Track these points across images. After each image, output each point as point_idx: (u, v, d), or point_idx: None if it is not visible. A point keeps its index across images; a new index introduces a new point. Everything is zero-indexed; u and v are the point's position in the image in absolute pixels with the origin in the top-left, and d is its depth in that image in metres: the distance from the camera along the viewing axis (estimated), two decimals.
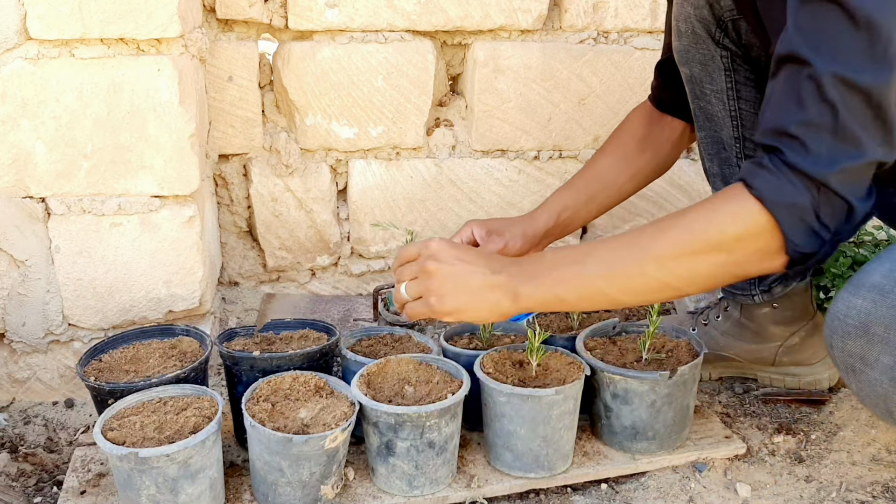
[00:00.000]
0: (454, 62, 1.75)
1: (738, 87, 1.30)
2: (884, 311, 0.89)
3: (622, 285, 0.97)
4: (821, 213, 0.88)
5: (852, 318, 0.92)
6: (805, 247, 0.89)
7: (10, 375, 1.39)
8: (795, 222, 0.88)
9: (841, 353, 0.95)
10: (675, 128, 1.40)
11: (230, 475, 1.15)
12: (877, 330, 0.90)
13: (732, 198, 0.92)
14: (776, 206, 0.88)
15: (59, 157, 1.28)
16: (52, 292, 1.34)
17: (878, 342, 0.89)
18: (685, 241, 0.93)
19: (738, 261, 0.92)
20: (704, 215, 0.93)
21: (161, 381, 1.12)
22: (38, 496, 1.18)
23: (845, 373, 0.95)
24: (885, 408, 0.93)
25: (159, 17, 1.23)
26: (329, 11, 1.57)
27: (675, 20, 1.29)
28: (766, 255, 0.91)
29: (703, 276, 0.94)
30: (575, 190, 1.35)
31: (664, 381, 1.16)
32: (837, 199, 0.88)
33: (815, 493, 1.18)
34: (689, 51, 1.29)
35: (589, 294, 0.99)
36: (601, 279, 0.97)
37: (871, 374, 0.91)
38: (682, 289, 0.96)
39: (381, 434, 1.08)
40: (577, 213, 1.34)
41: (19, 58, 1.23)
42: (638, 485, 1.20)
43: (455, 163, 1.74)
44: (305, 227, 1.72)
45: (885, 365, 0.89)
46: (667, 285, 0.95)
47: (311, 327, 1.31)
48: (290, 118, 1.66)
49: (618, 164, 1.37)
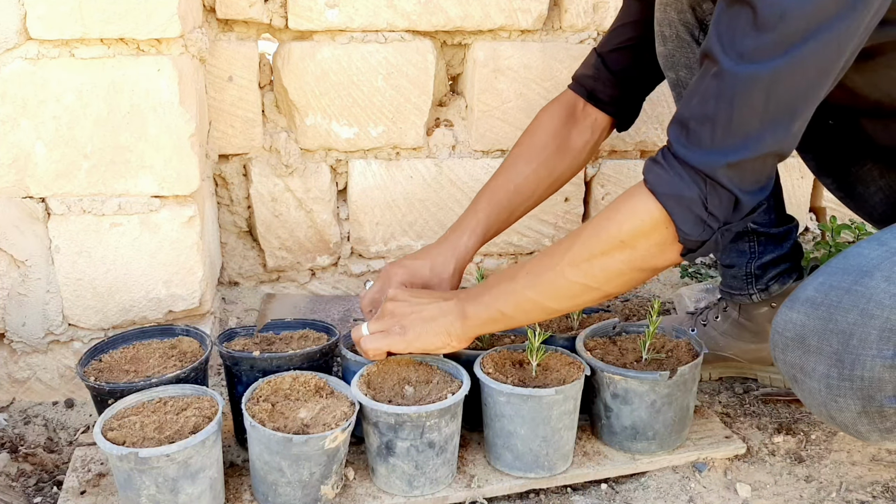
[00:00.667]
0: (454, 62, 1.75)
1: None
2: (816, 322, 0.92)
3: (549, 293, 1.04)
4: (709, 205, 0.93)
5: (789, 332, 0.95)
6: (695, 235, 0.95)
7: (10, 375, 1.39)
8: (684, 213, 0.93)
9: (783, 365, 0.98)
10: (598, 126, 1.38)
11: (230, 475, 1.15)
12: (811, 341, 0.93)
13: (632, 195, 0.98)
14: (666, 198, 0.94)
15: (59, 157, 1.28)
16: (52, 292, 1.34)
17: (814, 352, 0.92)
18: (593, 243, 1.00)
19: (643, 255, 0.98)
20: (607, 215, 1.00)
21: (161, 381, 1.12)
22: (38, 496, 1.18)
23: (791, 383, 0.99)
24: (827, 414, 0.96)
25: (159, 17, 1.23)
26: (329, 11, 1.57)
27: (659, 25, 1.28)
28: (663, 247, 0.97)
29: (615, 274, 1.00)
30: (497, 206, 1.34)
31: (664, 381, 1.16)
32: (724, 192, 0.92)
33: (815, 493, 1.18)
34: (675, 55, 1.28)
35: (524, 305, 1.06)
36: (530, 289, 1.05)
37: (810, 383, 0.94)
38: (602, 289, 1.02)
39: (381, 434, 1.09)
40: (498, 229, 1.36)
41: (19, 58, 1.23)
42: (638, 485, 1.20)
43: (455, 163, 1.74)
44: (305, 227, 1.72)
45: (820, 373, 0.92)
46: (587, 287, 1.02)
47: (311, 327, 1.31)
48: (290, 118, 1.66)
49: (537, 173, 1.36)
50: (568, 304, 1.07)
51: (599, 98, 1.36)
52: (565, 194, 1.80)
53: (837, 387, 0.91)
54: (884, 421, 0.92)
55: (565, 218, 1.82)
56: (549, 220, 1.82)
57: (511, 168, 1.37)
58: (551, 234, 1.83)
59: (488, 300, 1.08)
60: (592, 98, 1.37)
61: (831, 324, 0.90)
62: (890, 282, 0.89)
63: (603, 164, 1.82)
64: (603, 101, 1.36)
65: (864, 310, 0.89)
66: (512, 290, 1.07)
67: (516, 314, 1.08)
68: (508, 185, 1.35)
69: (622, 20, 1.37)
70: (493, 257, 1.84)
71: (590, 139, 1.38)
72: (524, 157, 1.36)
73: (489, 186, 1.36)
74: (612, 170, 1.82)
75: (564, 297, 1.05)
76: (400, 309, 1.13)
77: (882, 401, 0.90)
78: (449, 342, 1.11)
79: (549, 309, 1.07)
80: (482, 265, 1.83)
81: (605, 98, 1.36)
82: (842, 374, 0.90)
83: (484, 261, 1.83)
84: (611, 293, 1.04)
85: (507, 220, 1.36)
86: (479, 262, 1.83)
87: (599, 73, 1.37)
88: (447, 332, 1.10)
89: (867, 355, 0.89)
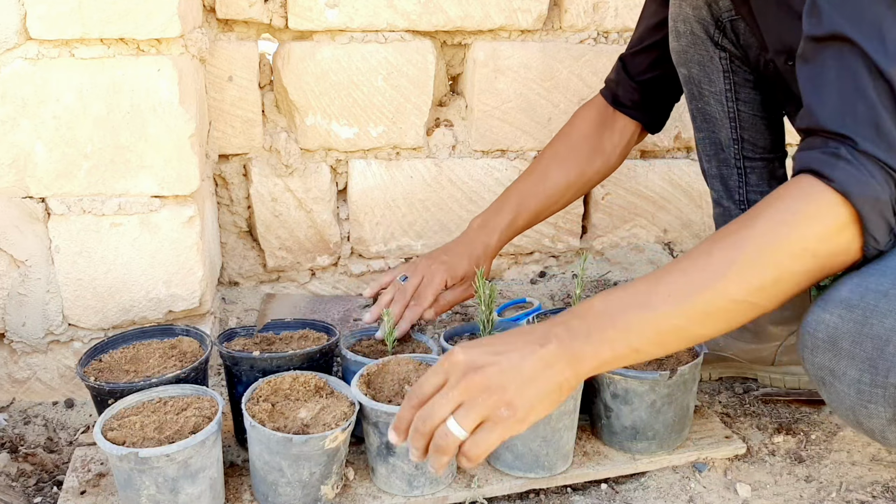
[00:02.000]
0: (454, 62, 1.75)
1: (737, 88, 1.30)
2: (850, 325, 0.88)
3: (704, 317, 0.86)
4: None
5: (821, 333, 0.91)
6: (882, 244, 0.84)
7: (10, 375, 1.39)
8: (877, 219, 0.83)
9: (812, 367, 0.94)
10: (627, 129, 1.38)
11: (230, 475, 1.15)
12: (844, 344, 0.89)
13: (808, 195, 0.84)
14: (862, 201, 0.82)
15: (59, 157, 1.28)
16: (52, 292, 1.34)
17: (845, 356, 0.89)
18: (768, 253, 0.84)
19: (823, 264, 0.85)
20: (780, 217, 0.84)
21: (161, 381, 1.12)
22: (38, 496, 1.18)
23: (818, 384, 0.95)
24: (854, 419, 0.92)
25: (159, 17, 1.23)
26: (329, 11, 1.57)
27: (673, 21, 1.28)
28: (846, 254, 0.85)
29: (790, 287, 0.86)
30: (526, 211, 1.33)
31: (664, 381, 1.16)
32: None
33: (815, 493, 1.18)
34: (688, 52, 1.29)
35: (666, 337, 0.87)
36: (678, 317, 0.85)
37: (839, 386, 0.91)
38: (766, 306, 0.87)
39: (381, 434, 1.08)
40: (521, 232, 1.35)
41: (19, 58, 1.23)
42: (638, 485, 1.20)
43: (455, 163, 1.74)
44: (305, 227, 1.72)
45: (851, 378, 0.89)
46: (754, 306, 0.86)
47: (311, 327, 1.31)
48: (290, 118, 1.66)
49: (568, 178, 1.34)
50: (723, 327, 0.88)
51: (622, 102, 1.37)
52: None
53: (869, 393, 0.88)
54: None
55: (565, 218, 1.83)
56: (549, 219, 1.81)
57: (545, 174, 1.35)
58: (551, 234, 1.83)
59: (614, 335, 0.85)
60: (616, 103, 1.37)
61: (866, 328, 0.86)
62: None
63: None
64: (625, 106, 1.37)
65: None
66: (649, 320, 0.85)
67: (654, 349, 0.88)
68: (539, 192, 1.33)
69: (643, 22, 1.37)
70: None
71: (618, 143, 1.38)
72: (557, 162, 1.35)
73: (520, 190, 1.34)
74: None
75: (723, 320, 0.87)
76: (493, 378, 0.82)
77: None
78: (560, 399, 0.86)
79: (696, 336, 0.89)
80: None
81: (627, 102, 1.37)
82: (874, 380, 0.87)
83: None
84: (771, 309, 0.89)
85: (532, 223, 1.35)
86: None
87: (620, 78, 1.37)
88: (559, 386, 0.85)
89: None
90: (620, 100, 1.36)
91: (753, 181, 1.36)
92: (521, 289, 1.82)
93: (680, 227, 1.89)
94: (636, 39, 1.39)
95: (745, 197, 1.37)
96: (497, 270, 1.86)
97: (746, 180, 1.36)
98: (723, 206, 1.39)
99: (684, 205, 1.87)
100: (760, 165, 1.35)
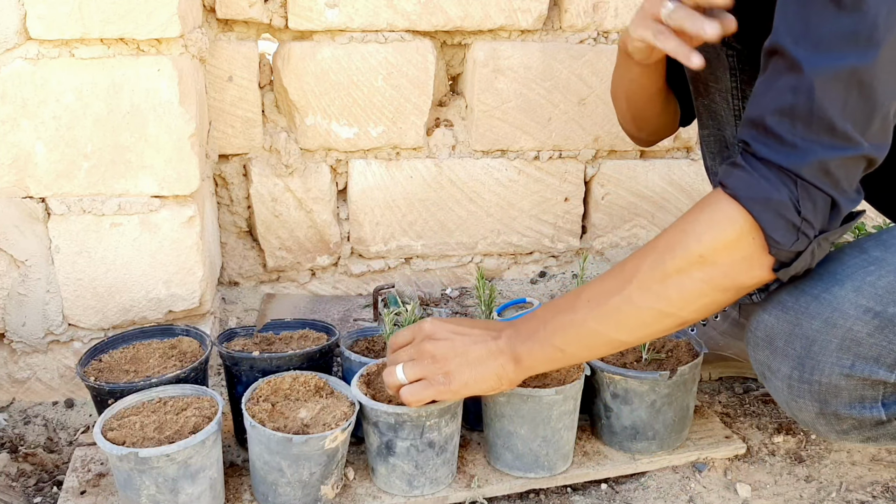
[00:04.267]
0: (454, 62, 1.75)
1: (743, 86, 1.29)
2: (784, 325, 0.92)
3: (615, 322, 0.93)
4: (802, 208, 0.83)
5: (760, 332, 0.95)
6: (788, 244, 0.84)
7: (10, 375, 1.39)
8: (774, 218, 0.83)
9: (755, 362, 0.98)
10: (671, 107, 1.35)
11: (230, 475, 1.15)
12: (778, 343, 0.93)
13: (708, 203, 0.88)
14: (751, 202, 0.84)
15: (59, 157, 1.28)
16: (52, 292, 1.34)
17: (780, 354, 0.92)
18: (666, 260, 0.88)
19: (726, 272, 0.87)
20: (681, 227, 0.89)
21: (161, 381, 1.12)
22: (38, 496, 1.18)
23: (760, 378, 0.99)
24: (789, 411, 0.97)
25: (159, 17, 1.23)
26: (329, 11, 1.57)
27: None
28: (751, 261, 0.87)
29: (694, 296, 0.89)
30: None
31: (664, 381, 1.16)
32: (818, 193, 0.83)
33: (815, 493, 1.18)
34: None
35: (586, 340, 0.95)
36: (593, 320, 0.93)
37: (775, 381, 0.95)
38: (678, 315, 0.91)
39: (381, 434, 1.09)
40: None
41: (19, 58, 1.23)
42: (638, 485, 1.20)
43: (455, 163, 1.74)
44: (305, 227, 1.72)
45: (784, 374, 0.93)
46: (661, 313, 0.91)
47: (311, 327, 1.31)
48: (290, 118, 1.66)
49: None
50: (639, 334, 0.95)
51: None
52: (565, 194, 1.80)
53: (798, 388, 0.92)
54: (840, 423, 0.94)
55: (565, 218, 1.83)
56: (548, 219, 1.82)
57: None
58: (551, 234, 1.83)
59: (543, 336, 0.96)
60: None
61: (797, 328, 0.90)
62: (858, 293, 0.88)
63: (603, 164, 1.82)
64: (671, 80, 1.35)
65: (829, 319, 0.88)
66: (571, 323, 0.95)
67: (578, 350, 0.97)
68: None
69: None
70: (492, 257, 1.84)
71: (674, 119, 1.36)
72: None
73: None
74: (612, 170, 1.82)
75: (634, 326, 0.93)
76: (441, 350, 1.01)
77: (837, 406, 0.91)
78: (499, 387, 1.01)
79: (617, 341, 0.96)
80: (482, 265, 1.83)
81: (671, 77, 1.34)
82: (802, 376, 0.91)
83: (484, 261, 1.83)
84: (689, 319, 0.93)
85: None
86: (479, 263, 1.83)
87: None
88: (497, 376, 1.00)
89: (826, 362, 0.89)
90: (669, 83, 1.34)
91: None
92: (521, 289, 1.82)
93: None
94: None
95: None
96: (497, 270, 1.86)
97: None
98: None
99: (684, 205, 1.87)
100: None
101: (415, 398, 1.01)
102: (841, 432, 0.95)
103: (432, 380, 1.00)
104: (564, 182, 1.80)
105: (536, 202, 1.79)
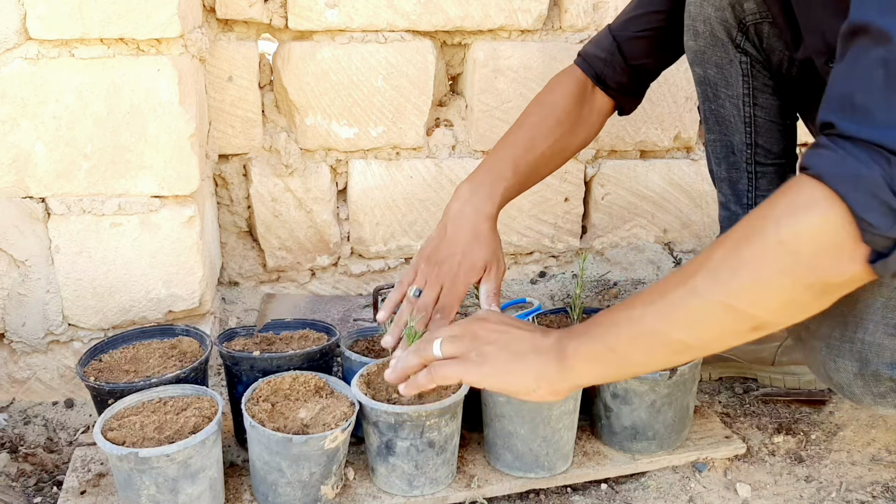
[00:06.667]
0: (454, 62, 1.75)
1: (756, 93, 1.28)
2: None
3: (676, 318, 0.80)
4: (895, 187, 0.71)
5: None
6: (884, 228, 0.71)
7: (10, 375, 1.39)
8: (866, 198, 0.71)
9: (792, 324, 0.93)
10: (604, 108, 1.35)
11: (230, 475, 1.15)
12: None
13: (789, 187, 0.76)
14: (838, 180, 0.71)
15: (59, 157, 1.28)
16: (52, 292, 1.35)
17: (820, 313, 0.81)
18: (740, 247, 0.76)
19: (810, 263, 0.74)
20: (759, 213, 0.77)
21: (161, 381, 1.12)
22: (38, 496, 1.18)
23: (794, 341, 1.01)
24: (824, 373, 0.97)
25: (159, 17, 1.23)
26: (329, 11, 1.57)
27: (692, 20, 1.26)
28: (841, 250, 0.73)
29: (770, 291, 0.76)
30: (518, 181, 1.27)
31: (664, 381, 1.16)
32: None
33: (815, 493, 1.18)
34: (706, 52, 1.27)
35: (642, 339, 0.83)
36: (651, 315, 0.81)
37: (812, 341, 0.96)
38: (750, 313, 0.78)
39: (381, 434, 1.09)
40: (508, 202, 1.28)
41: (19, 58, 1.23)
42: (638, 485, 1.20)
43: (455, 163, 1.74)
44: (305, 227, 1.72)
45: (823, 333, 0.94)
46: (731, 309, 0.77)
47: (311, 327, 1.31)
48: (290, 118, 1.66)
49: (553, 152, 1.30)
50: (703, 335, 0.81)
51: (607, 83, 1.33)
52: (565, 194, 1.80)
53: (838, 347, 0.92)
54: (878, 385, 0.94)
55: (565, 218, 1.82)
56: (548, 220, 1.82)
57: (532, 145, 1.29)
58: (551, 234, 1.83)
59: (595, 333, 0.86)
60: (600, 81, 1.33)
61: None
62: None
63: (603, 164, 1.82)
64: (609, 87, 1.33)
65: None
66: (627, 319, 0.83)
67: (630, 351, 0.84)
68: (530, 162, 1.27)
69: (647, 7, 1.31)
70: None
71: (596, 121, 1.35)
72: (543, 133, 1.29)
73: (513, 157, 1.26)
74: (612, 170, 1.82)
75: (697, 323, 0.80)
76: (485, 332, 0.93)
77: (878, 366, 0.92)
78: (536, 388, 0.88)
79: (677, 343, 0.81)
80: None
81: (613, 84, 1.33)
82: (844, 335, 0.91)
83: None
84: (765, 322, 0.78)
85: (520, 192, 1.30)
86: None
87: (613, 59, 1.32)
88: (536, 375, 0.88)
89: (871, 320, 0.90)
90: (606, 81, 1.32)
91: (763, 186, 1.35)
92: (521, 289, 1.82)
93: (680, 227, 1.89)
94: (637, 22, 1.33)
95: (753, 202, 1.35)
96: None
97: (756, 185, 1.35)
98: (730, 209, 1.38)
99: (684, 205, 1.87)
100: (771, 170, 1.34)
101: (441, 375, 0.92)
102: (878, 395, 0.95)
103: (465, 357, 0.92)
104: (564, 182, 1.80)
105: (536, 202, 1.79)
